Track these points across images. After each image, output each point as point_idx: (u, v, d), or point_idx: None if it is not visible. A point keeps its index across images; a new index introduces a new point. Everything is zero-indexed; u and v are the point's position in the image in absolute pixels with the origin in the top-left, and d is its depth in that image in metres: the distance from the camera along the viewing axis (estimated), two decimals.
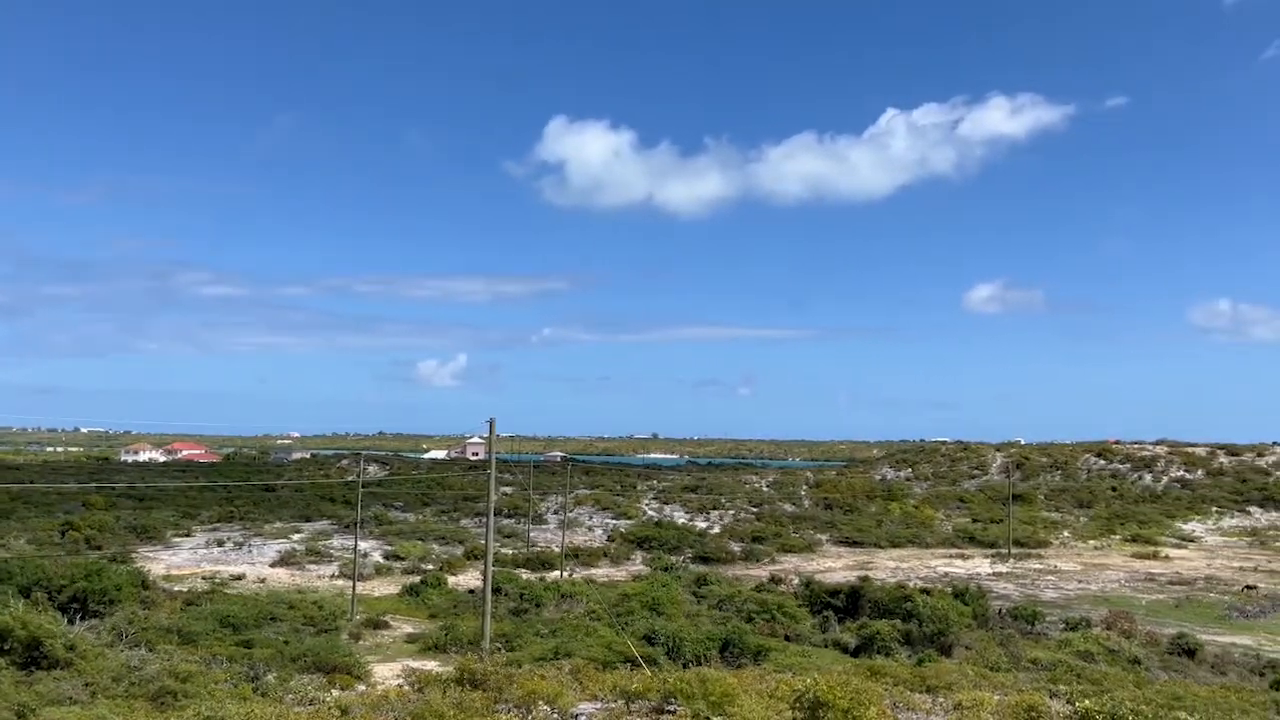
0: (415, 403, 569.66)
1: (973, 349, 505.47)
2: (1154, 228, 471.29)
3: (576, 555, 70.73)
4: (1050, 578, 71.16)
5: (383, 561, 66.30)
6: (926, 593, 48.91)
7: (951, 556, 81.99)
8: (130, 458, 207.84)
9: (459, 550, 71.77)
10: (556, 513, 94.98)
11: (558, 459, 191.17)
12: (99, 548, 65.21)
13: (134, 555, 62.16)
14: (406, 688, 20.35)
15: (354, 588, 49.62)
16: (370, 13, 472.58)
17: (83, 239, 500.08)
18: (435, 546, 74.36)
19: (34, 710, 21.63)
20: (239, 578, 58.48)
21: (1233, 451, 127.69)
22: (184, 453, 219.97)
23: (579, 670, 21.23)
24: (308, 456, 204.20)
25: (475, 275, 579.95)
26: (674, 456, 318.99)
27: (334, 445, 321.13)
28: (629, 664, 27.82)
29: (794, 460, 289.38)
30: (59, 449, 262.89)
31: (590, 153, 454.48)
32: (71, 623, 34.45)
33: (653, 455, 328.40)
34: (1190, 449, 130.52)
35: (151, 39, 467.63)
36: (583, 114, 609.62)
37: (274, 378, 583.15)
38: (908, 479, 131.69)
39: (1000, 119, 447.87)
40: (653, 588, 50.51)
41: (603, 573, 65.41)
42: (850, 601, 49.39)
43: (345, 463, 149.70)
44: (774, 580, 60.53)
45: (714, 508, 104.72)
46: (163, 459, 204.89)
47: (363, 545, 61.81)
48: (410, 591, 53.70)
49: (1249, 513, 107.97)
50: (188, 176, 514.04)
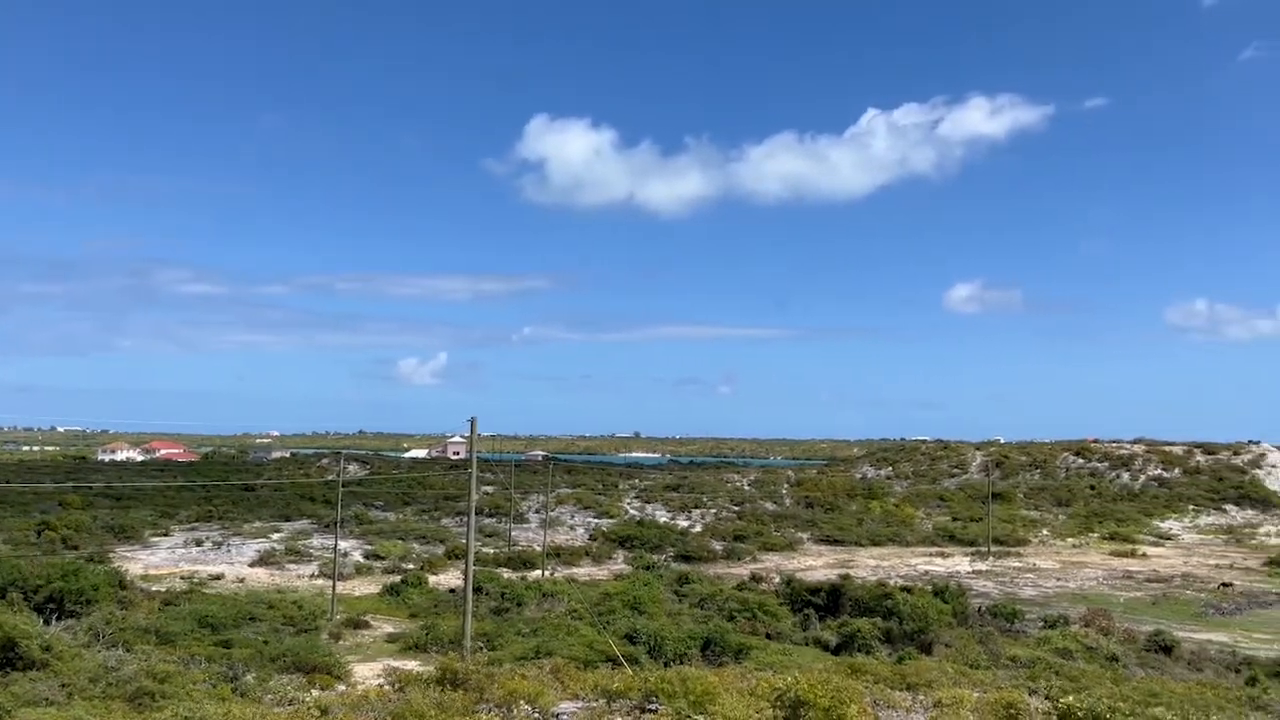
0: (396, 402, 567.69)
1: (952, 348, 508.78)
2: (1132, 228, 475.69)
3: (558, 554, 70.68)
4: (1029, 576, 71.70)
5: (363, 561, 66.08)
6: (907, 591, 49.16)
7: (931, 555, 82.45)
8: (108, 457, 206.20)
9: (440, 549, 71.61)
10: (538, 512, 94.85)
11: (539, 458, 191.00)
12: (76, 548, 64.68)
13: (111, 555, 61.69)
14: (387, 687, 20.29)
15: (334, 587, 49.41)
16: (352, 11, 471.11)
17: (61, 237, 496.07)
18: (416, 546, 74.17)
19: (9, 711, 21.39)
20: (218, 577, 58.16)
21: (1209, 450, 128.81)
22: (162, 452, 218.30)
23: (560, 669, 21.18)
24: (287, 455, 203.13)
25: (456, 274, 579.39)
26: (656, 455, 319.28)
27: (314, 444, 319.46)
28: (610, 663, 27.83)
29: (775, 459, 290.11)
30: (35, 448, 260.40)
31: (571, 151, 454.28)
32: (48, 623, 34.18)
33: (634, 454, 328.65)
34: (1167, 448, 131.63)
35: (131, 38, 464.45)
36: (564, 112, 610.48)
37: (253, 376, 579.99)
38: (888, 478, 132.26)
39: (980, 119, 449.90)
40: (634, 587, 50.57)
41: (584, 572, 65.41)
42: (831, 600, 49.63)
43: (325, 462, 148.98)
44: (755, 579, 60.69)
45: (696, 506, 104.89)
46: (140, 458, 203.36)
47: (343, 545, 61.54)
48: (391, 591, 53.55)
49: (1225, 511, 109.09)
50: (168, 175, 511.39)
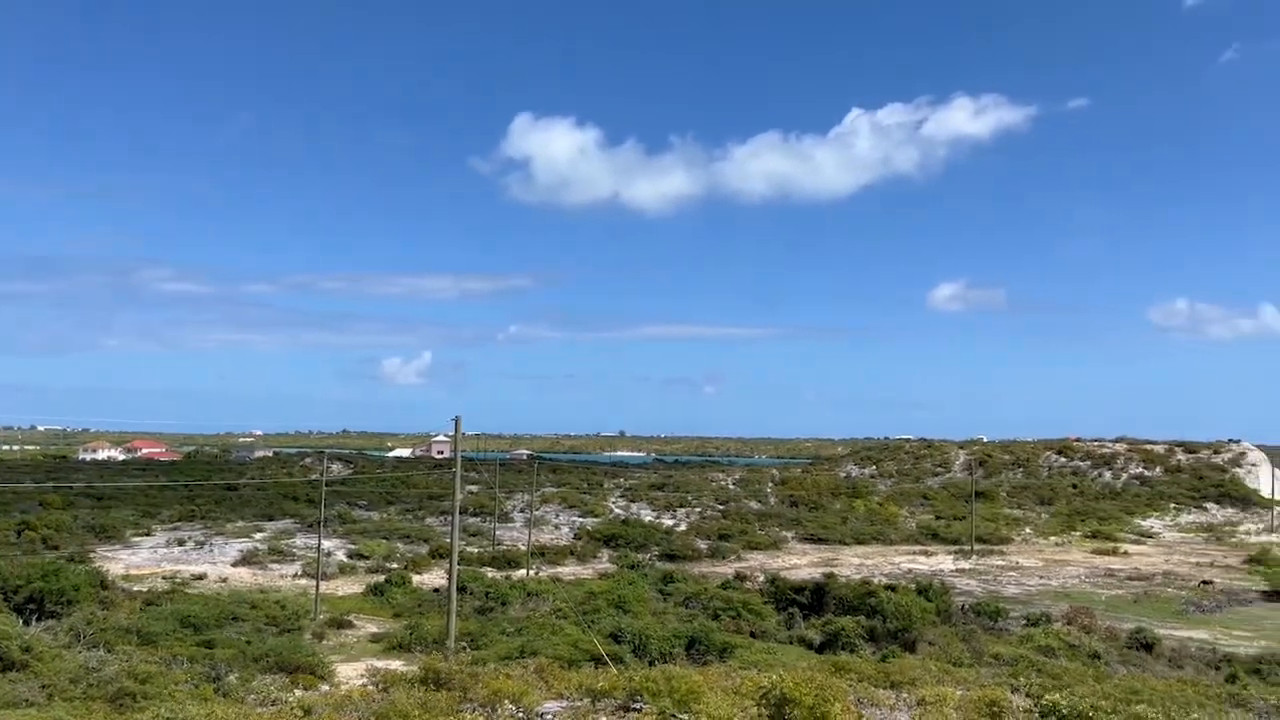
0: (380, 401, 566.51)
1: (936, 348, 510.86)
2: (1114, 228, 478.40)
3: (543, 553, 70.62)
4: (1012, 574, 72.07)
5: (347, 561, 65.84)
6: (891, 589, 49.31)
7: (915, 553, 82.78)
8: (88, 456, 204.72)
9: (424, 549, 71.43)
10: (523, 511, 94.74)
11: (524, 457, 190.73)
12: (56, 548, 64.17)
13: (92, 555, 61.26)
14: (371, 687, 20.21)
15: (317, 587, 49.20)
16: (336, 9, 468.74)
17: (42, 235, 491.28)
18: (400, 545, 73.95)
19: None
20: (200, 577, 57.82)
21: (1190, 449, 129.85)
22: (144, 451, 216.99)
23: (544, 669, 21.17)
24: (270, 455, 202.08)
25: (441, 273, 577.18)
26: (641, 454, 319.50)
27: (297, 443, 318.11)
28: (595, 662, 27.84)
29: (760, 458, 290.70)
30: (15, 447, 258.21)
31: (556, 150, 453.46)
32: (28, 624, 33.93)
33: (619, 453, 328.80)
34: (1149, 446, 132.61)
35: (113, 35, 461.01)
36: (548, 111, 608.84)
37: (237, 375, 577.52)
38: (872, 476, 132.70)
39: (964, 119, 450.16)
40: (619, 586, 50.60)
41: (569, 571, 65.35)
42: (815, 598, 49.78)
43: (309, 461, 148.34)
44: (740, 577, 60.78)
45: (680, 505, 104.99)
46: (122, 457, 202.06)
47: (326, 544, 61.30)
48: (374, 591, 53.38)
49: (1206, 509, 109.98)
50: (151, 173, 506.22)
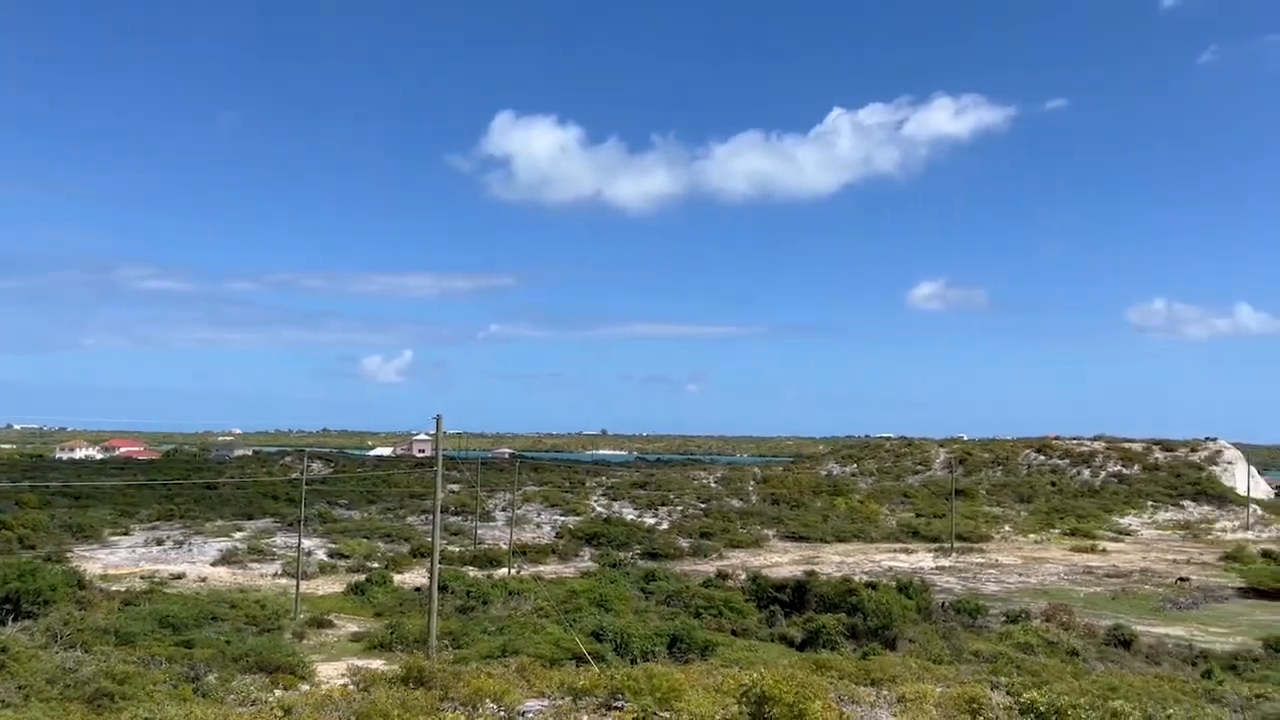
0: (360, 400, 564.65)
1: (916, 347, 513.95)
2: (1093, 228, 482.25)
3: (524, 552, 70.52)
4: (991, 571, 72.52)
5: (327, 560, 65.56)
6: (871, 587, 49.53)
7: (896, 551, 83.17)
8: (66, 455, 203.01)
9: (405, 548, 71.20)
10: (504, 510, 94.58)
11: (506, 456, 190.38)
12: (32, 547, 63.56)
13: (69, 555, 60.72)
14: (351, 687, 20.13)
15: (297, 586, 48.96)
16: (317, 9, 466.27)
17: (20, 232, 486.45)
18: (381, 544, 73.66)
19: None
20: (179, 577, 57.41)
21: (1167, 447, 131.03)
22: (122, 450, 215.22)
23: (526, 667, 21.15)
24: (250, 454, 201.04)
25: (423, 271, 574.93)
26: (623, 453, 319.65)
27: (277, 442, 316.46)
28: (577, 661, 27.84)
29: (742, 456, 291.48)
30: None
31: (537, 148, 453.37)
32: (3, 624, 33.68)
33: (601, 452, 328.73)
34: (1127, 445, 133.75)
35: (94, 33, 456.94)
36: (529, 109, 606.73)
37: (216, 373, 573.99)
38: (853, 475, 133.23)
39: (944, 119, 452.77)
40: (601, 584, 50.65)
41: (551, 570, 65.30)
42: (796, 596, 49.96)
43: (289, 460, 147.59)
44: (722, 576, 60.91)
45: (662, 504, 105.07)
46: (100, 456, 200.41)
47: (307, 543, 61.01)
48: (355, 590, 53.17)
49: (1182, 507, 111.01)
50: (131, 170, 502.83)
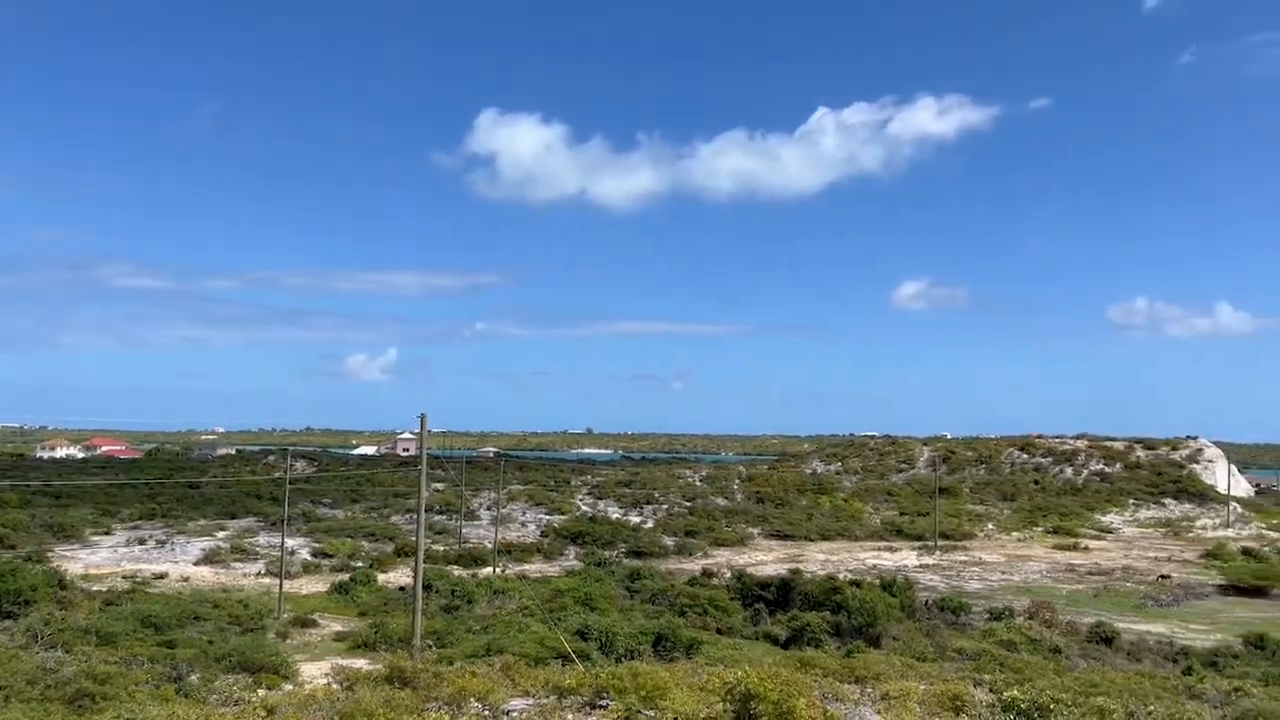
0: (344, 398, 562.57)
1: (900, 346, 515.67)
2: (1075, 227, 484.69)
3: (509, 551, 70.43)
4: (975, 569, 72.87)
5: (311, 559, 65.30)
6: (855, 585, 49.71)
7: (880, 549, 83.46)
8: (46, 454, 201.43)
9: (389, 547, 70.98)
10: (489, 509, 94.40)
11: (490, 454, 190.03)
12: (13, 547, 63.06)
13: (50, 554, 60.27)
14: (335, 686, 20.05)
15: (281, 585, 48.74)
16: (298, 4, 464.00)
17: None
18: (365, 544, 73.40)
19: None
20: (161, 576, 57.09)
21: (1149, 446, 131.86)
22: (104, 448, 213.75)
23: (511, 666, 21.11)
24: (233, 452, 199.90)
25: (407, 269, 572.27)
26: (608, 451, 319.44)
27: (260, 441, 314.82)
28: (562, 659, 27.83)
29: (726, 455, 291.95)
30: None
31: (522, 146, 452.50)
32: None
33: (587, 450, 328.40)
34: (1109, 443, 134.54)
35: (72, 29, 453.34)
36: (513, 107, 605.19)
37: (199, 372, 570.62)
38: (837, 473, 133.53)
39: (928, 119, 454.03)
40: (586, 583, 50.65)
41: (536, 568, 65.25)
42: (781, 594, 50.07)
43: (272, 459, 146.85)
44: (706, 574, 61.01)
45: (647, 502, 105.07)
46: (81, 455, 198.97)
47: (290, 543, 60.75)
48: (339, 589, 53.00)
49: (1164, 505, 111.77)
50: (110, 168, 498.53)
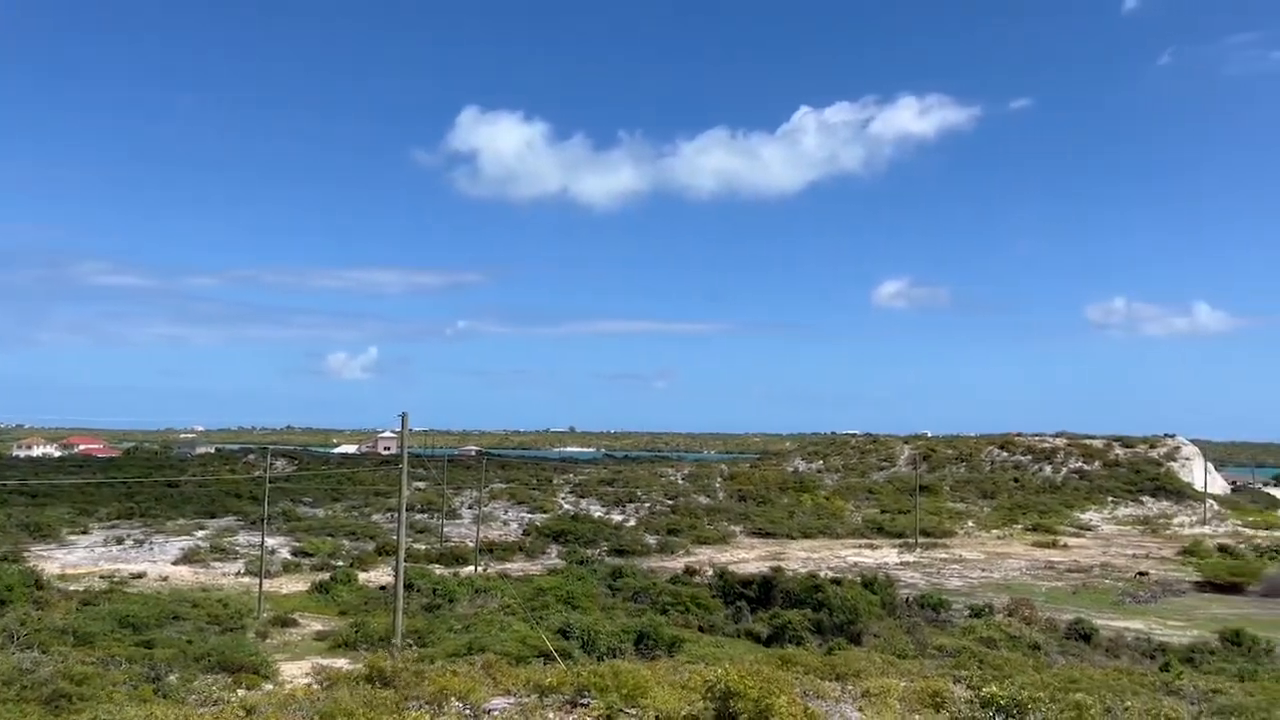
0: (325, 397, 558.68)
1: (881, 344, 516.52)
2: (1054, 227, 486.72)
3: (491, 550, 70.29)
4: (955, 566, 73.25)
5: (291, 558, 64.97)
6: (837, 582, 49.88)
7: (861, 546, 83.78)
8: (23, 453, 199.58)
9: (370, 546, 70.71)
10: (471, 507, 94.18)
11: (472, 453, 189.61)
12: None
13: (26, 554, 59.72)
14: (315, 686, 19.93)
15: (261, 585, 48.48)
16: (279, 1, 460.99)
17: None
18: (345, 542, 73.07)
19: None
20: (139, 576, 56.70)
21: (1127, 444, 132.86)
22: (81, 447, 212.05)
23: (492, 665, 21.03)
24: (212, 451, 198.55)
25: (389, 266, 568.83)
26: (590, 450, 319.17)
27: (240, 440, 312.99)
28: (543, 658, 27.77)
29: (709, 453, 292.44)
30: None
31: (503, 143, 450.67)
32: None
33: (569, 449, 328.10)
34: (1088, 441, 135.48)
35: (49, 22, 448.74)
36: (495, 104, 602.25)
37: (179, 370, 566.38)
38: (819, 471, 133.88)
39: (909, 119, 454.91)
40: (568, 581, 50.62)
41: (518, 567, 65.17)
42: (763, 592, 50.16)
43: (252, 457, 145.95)
44: (689, 572, 61.09)
45: (630, 501, 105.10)
46: (58, 454, 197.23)
47: (270, 542, 60.42)
48: (320, 588, 52.76)
49: (1142, 502, 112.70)
50: (87, 163, 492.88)
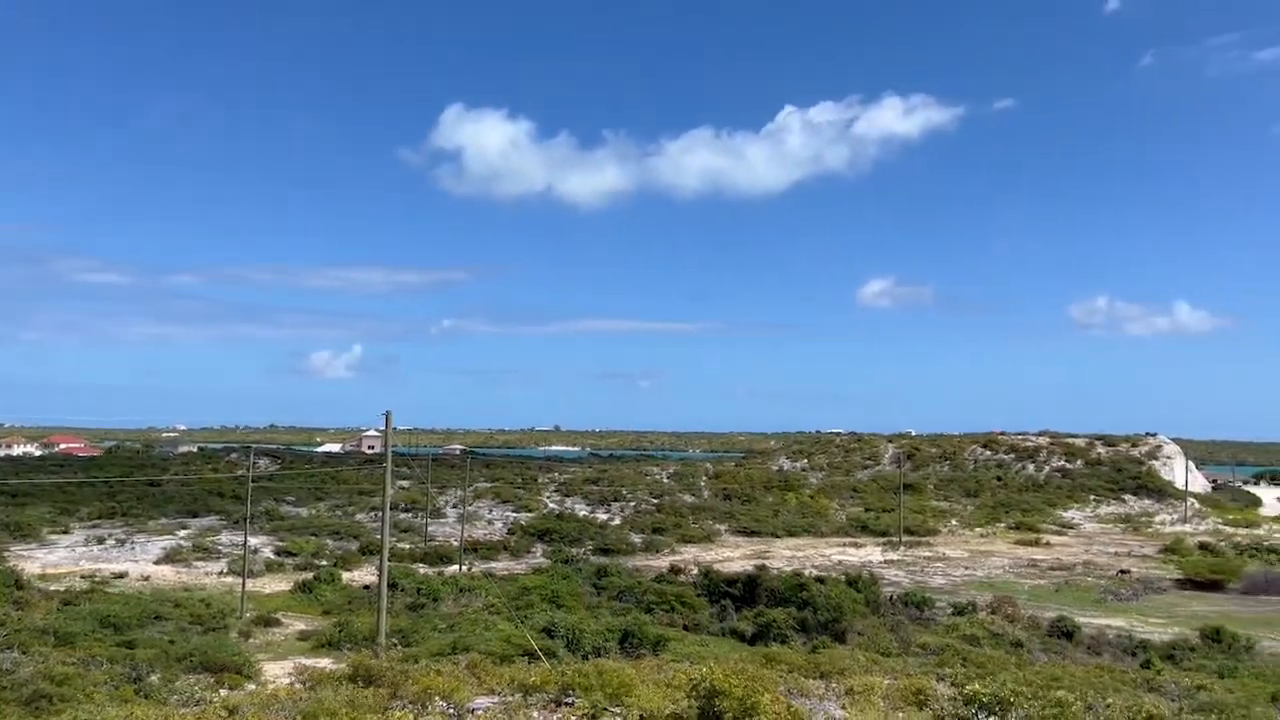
0: (308, 395, 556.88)
1: (865, 343, 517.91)
2: (1037, 227, 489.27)
3: (476, 549, 70.16)
4: (939, 565, 73.54)
5: (274, 558, 64.70)
6: (821, 581, 50.00)
7: (845, 545, 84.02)
8: (3, 452, 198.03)
9: (354, 545, 70.49)
10: (456, 506, 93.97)
11: (457, 452, 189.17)
12: None
13: (6, 554, 59.24)
14: (298, 686, 19.85)
15: (244, 584, 48.27)
16: None
17: None
18: (329, 542, 72.78)
19: None
20: (121, 576, 56.39)
21: (1109, 442, 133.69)
22: (62, 446, 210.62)
23: (476, 665, 21.00)
24: (194, 450, 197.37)
25: (374, 265, 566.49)
26: (575, 449, 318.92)
27: (223, 439, 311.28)
28: (528, 657, 27.72)
29: (694, 452, 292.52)
30: None
31: (487, 141, 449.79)
32: None
33: (554, 448, 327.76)
34: (1070, 440, 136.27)
35: (29, 19, 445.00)
36: (479, 102, 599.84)
37: (162, 369, 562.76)
38: (803, 470, 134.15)
39: (893, 118, 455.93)
40: (553, 580, 50.57)
41: (502, 566, 65.07)
42: (748, 590, 50.22)
43: (235, 456, 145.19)
44: (674, 571, 61.11)
45: (615, 499, 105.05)
46: (39, 453, 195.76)
47: (253, 541, 60.12)
48: (303, 588, 52.57)
49: (1124, 500, 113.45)
50: (69, 162, 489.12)
